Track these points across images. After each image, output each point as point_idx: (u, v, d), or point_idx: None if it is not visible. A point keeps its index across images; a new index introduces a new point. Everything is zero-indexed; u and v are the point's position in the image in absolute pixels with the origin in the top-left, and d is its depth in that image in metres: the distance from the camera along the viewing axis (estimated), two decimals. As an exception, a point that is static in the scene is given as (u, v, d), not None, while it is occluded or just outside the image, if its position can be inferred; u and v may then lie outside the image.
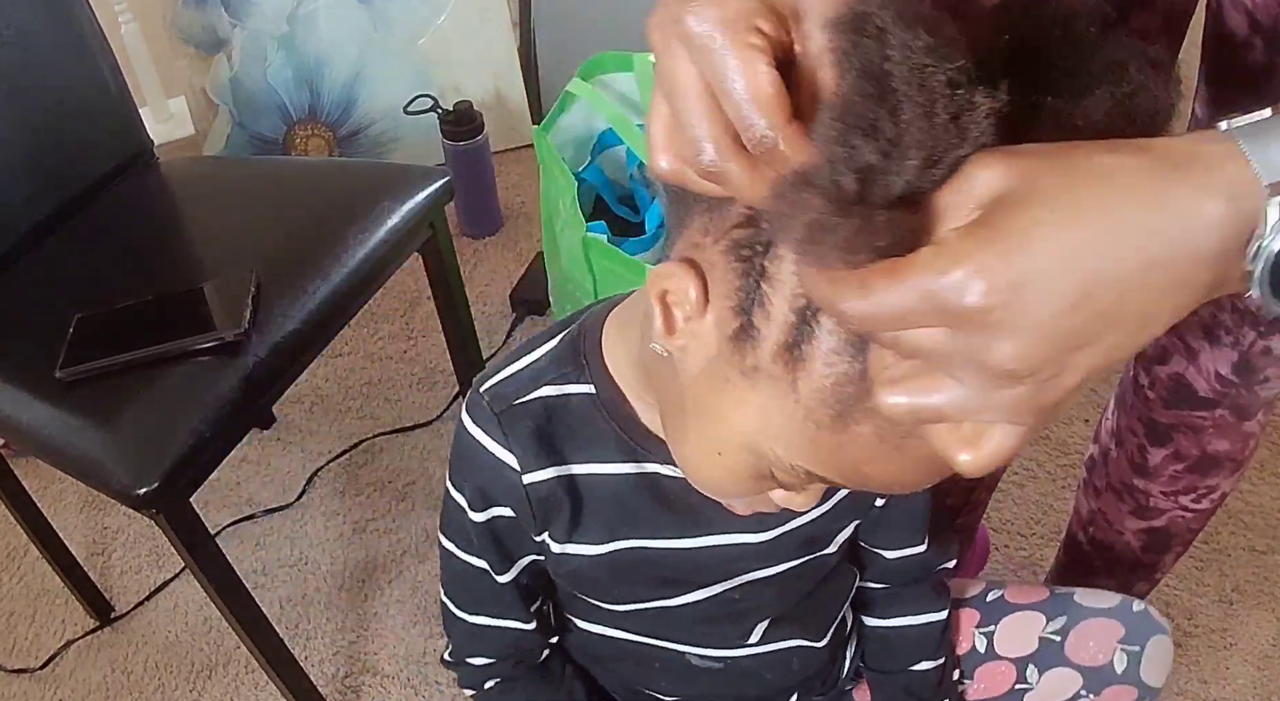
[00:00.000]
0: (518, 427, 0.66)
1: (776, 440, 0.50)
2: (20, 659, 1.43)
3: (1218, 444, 0.95)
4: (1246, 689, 1.29)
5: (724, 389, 0.50)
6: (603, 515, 0.68)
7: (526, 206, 2.05)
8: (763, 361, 0.48)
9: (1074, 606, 0.83)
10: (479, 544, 0.71)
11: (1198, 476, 0.98)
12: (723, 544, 0.70)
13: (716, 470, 0.55)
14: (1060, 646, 0.82)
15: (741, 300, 0.48)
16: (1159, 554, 1.08)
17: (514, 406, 0.66)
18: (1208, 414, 0.92)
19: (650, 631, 0.77)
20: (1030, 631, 0.83)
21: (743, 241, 0.47)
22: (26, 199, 1.22)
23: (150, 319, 1.09)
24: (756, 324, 0.47)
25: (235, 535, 1.54)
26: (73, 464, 1.01)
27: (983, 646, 0.85)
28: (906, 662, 0.84)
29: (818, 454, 0.49)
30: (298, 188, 1.30)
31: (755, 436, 0.51)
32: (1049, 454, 1.55)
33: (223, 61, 1.98)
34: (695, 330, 0.51)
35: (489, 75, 2.09)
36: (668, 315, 0.52)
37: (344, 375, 1.76)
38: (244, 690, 1.37)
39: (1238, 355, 0.86)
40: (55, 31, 1.24)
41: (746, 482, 0.55)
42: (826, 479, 0.51)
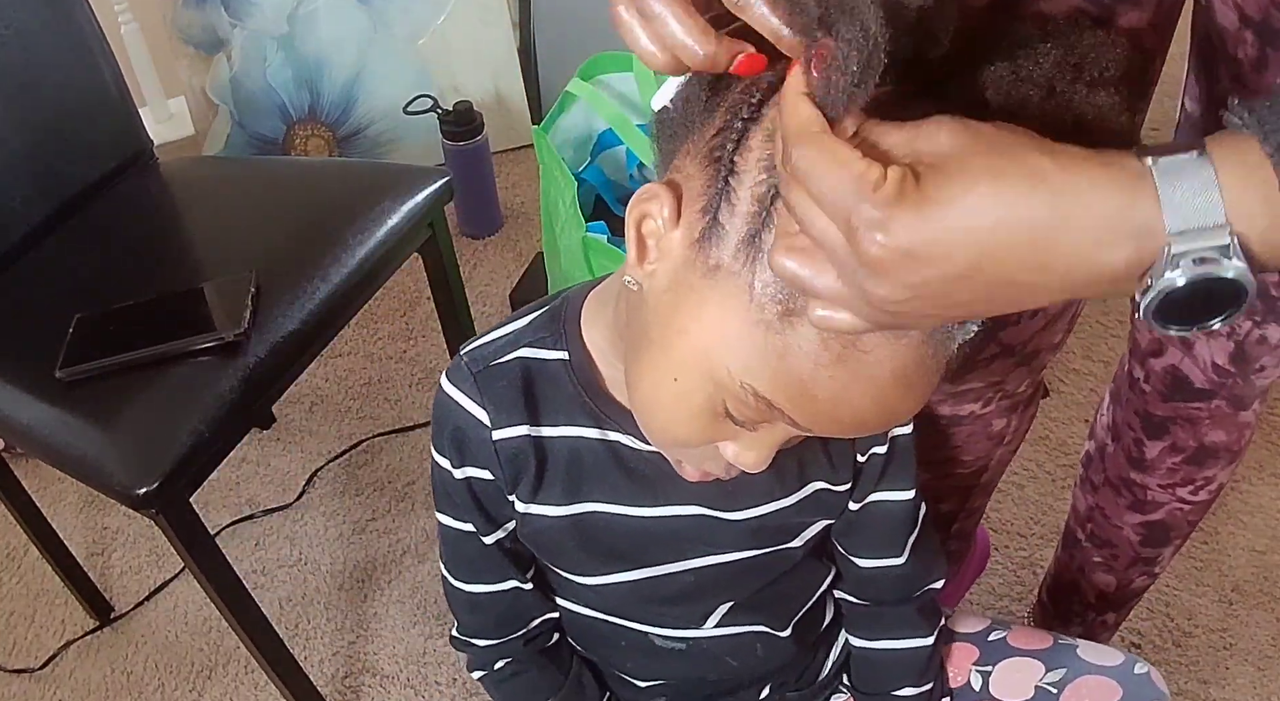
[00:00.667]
0: (493, 386, 0.68)
1: (729, 353, 0.51)
2: (20, 659, 1.43)
3: (1214, 435, 0.95)
4: (1246, 689, 1.29)
5: (686, 298, 0.53)
6: (566, 476, 0.70)
7: (526, 206, 2.05)
8: (724, 258, 0.50)
9: (1076, 659, 0.81)
10: (462, 504, 0.73)
11: (1195, 468, 0.99)
12: (680, 514, 0.71)
13: (670, 402, 0.56)
14: (1055, 698, 0.80)
15: (710, 198, 0.51)
16: (1158, 547, 1.08)
17: (490, 367, 0.69)
18: (1204, 405, 0.92)
19: (614, 609, 0.78)
20: (1028, 678, 0.82)
21: (716, 146, 0.51)
22: (26, 199, 1.21)
23: (150, 319, 1.09)
24: (721, 219, 0.50)
25: (235, 535, 1.54)
26: (72, 464, 1.01)
27: (978, 684, 0.84)
28: (890, 686, 0.84)
29: (767, 364, 0.50)
30: (297, 188, 1.30)
31: (711, 351, 0.52)
32: (1049, 454, 1.55)
33: (222, 61, 1.99)
34: (665, 248, 0.53)
35: (489, 75, 2.10)
36: (641, 244, 0.54)
37: (344, 375, 1.76)
38: (244, 690, 1.37)
39: (1233, 345, 0.86)
40: (55, 31, 1.24)
41: (698, 421, 0.56)
42: (775, 404, 0.52)
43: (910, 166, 0.41)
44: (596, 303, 0.68)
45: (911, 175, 0.40)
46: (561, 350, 0.68)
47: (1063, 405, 1.61)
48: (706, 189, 0.51)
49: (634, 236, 0.54)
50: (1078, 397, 1.62)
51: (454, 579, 0.78)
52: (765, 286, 0.49)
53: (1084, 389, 1.63)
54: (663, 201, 0.52)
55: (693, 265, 0.52)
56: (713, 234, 0.51)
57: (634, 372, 0.59)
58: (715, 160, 0.51)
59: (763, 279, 0.49)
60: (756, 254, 0.49)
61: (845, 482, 0.74)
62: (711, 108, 0.52)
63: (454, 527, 0.75)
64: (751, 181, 0.49)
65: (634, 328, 0.58)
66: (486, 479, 0.71)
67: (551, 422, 0.69)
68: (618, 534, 0.72)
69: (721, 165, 0.50)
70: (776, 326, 0.49)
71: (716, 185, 0.50)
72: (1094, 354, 1.68)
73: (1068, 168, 0.39)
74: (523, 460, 0.69)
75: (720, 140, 0.51)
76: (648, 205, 0.53)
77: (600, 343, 0.67)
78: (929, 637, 0.83)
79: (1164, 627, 1.35)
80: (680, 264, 0.53)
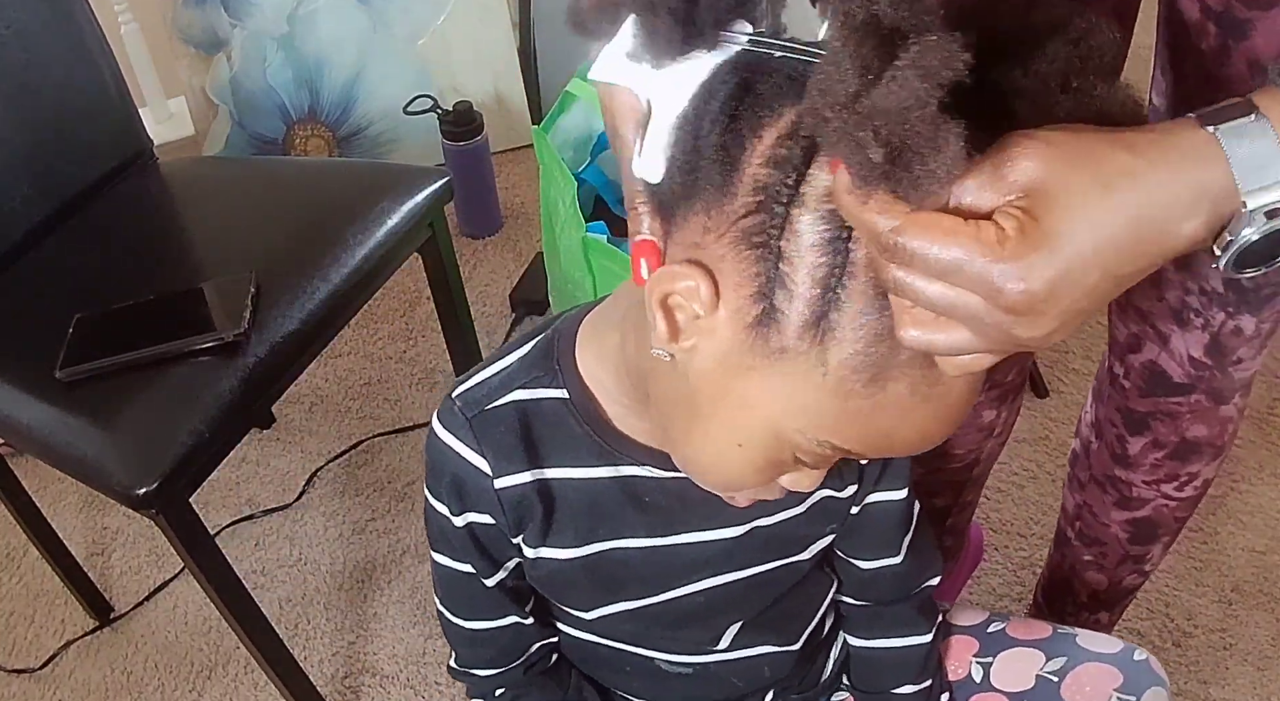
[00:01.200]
0: (490, 432, 0.66)
1: (804, 418, 0.51)
2: (20, 659, 1.43)
3: (1196, 429, 0.96)
4: (1246, 689, 1.29)
5: (745, 377, 0.51)
6: (577, 518, 0.68)
7: (526, 207, 2.05)
8: (789, 341, 0.49)
9: (1075, 647, 0.82)
10: (463, 549, 0.71)
11: (1178, 463, 0.99)
12: (697, 541, 0.70)
13: (734, 463, 0.55)
14: (1056, 686, 0.81)
15: (761, 286, 0.49)
16: (1146, 544, 1.08)
17: (485, 411, 0.66)
18: (1183, 399, 0.93)
19: (621, 636, 0.77)
20: (1029, 668, 0.83)
21: (753, 228, 0.48)
22: (26, 199, 1.21)
23: (150, 319, 1.09)
24: (779, 305, 0.48)
25: (235, 535, 1.54)
26: (72, 464, 1.01)
27: (979, 676, 0.85)
28: (889, 685, 0.84)
29: (849, 425, 0.50)
30: (297, 188, 1.30)
31: (780, 419, 0.51)
32: (1048, 454, 1.55)
33: (222, 62, 1.99)
34: (705, 327, 0.51)
35: (489, 75, 2.10)
36: (671, 319, 0.52)
37: (343, 375, 1.76)
38: (243, 690, 1.37)
39: (1208, 337, 0.87)
40: (55, 31, 1.24)
41: (762, 472, 0.56)
42: (850, 451, 0.52)
43: (1015, 208, 0.42)
44: (592, 334, 0.66)
45: (1026, 216, 0.41)
46: (559, 388, 0.66)
47: (1062, 405, 1.61)
48: (752, 275, 0.49)
49: (661, 314, 0.52)
50: (1077, 398, 1.62)
51: (451, 615, 0.77)
52: (844, 362, 0.48)
53: (1083, 389, 1.63)
54: (697, 285, 0.50)
55: (749, 348, 0.50)
56: (770, 320, 0.49)
57: (685, 440, 0.58)
58: (757, 245, 0.48)
59: (839, 356, 0.48)
60: (826, 334, 0.48)
61: (850, 486, 0.74)
62: (729, 183, 0.49)
63: (452, 568, 0.73)
64: (808, 266, 0.47)
65: (672, 396, 0.57)
66: (488, 524, 0.69)
67: (557, 465, 0.67)
68: (633, 566, 0.71)
69: (767, 251, 0.48)
70: (862, 393, 0.49)
71: (766, 272, 0.48)
72: (1094, 354, 1.68)
73: (1146, 154, 0.42)
74: (528, 506, 0.67)
75: (757, 223, 0.48)
76: (672, 286, 0.51)
77: (601, 376, 0.65)
78: (927, 635, 0.83)
79: (1164, 627, 1.35)
80: (731, 346, 0.51)
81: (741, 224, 0.49)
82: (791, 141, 0.47)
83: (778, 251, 0.48)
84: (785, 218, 0.47)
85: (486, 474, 0.66)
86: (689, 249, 0.51)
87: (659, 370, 0.56)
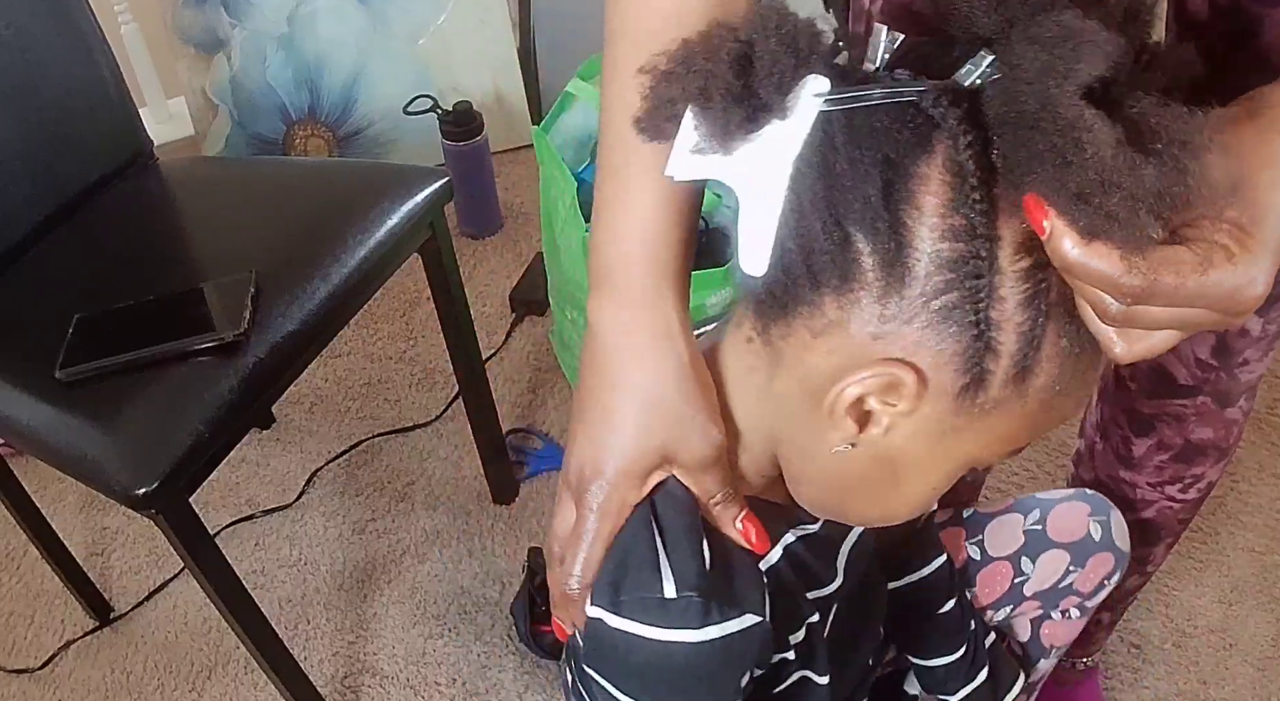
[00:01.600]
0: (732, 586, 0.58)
1: (1002, 444, 0.53)
2: (19, 659, 1.43)
3: (1201, 432, 0.95)
4: (1246, 689, 1.29)
5: (953, 438, 0.52)
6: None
7: (526, 207, 2.05)
8: (995, 394, 0.50)
9: (1040, 501, 0.92)
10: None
11: (1183, 466, 0.99)
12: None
13: (922, 500, 0.57)
14: (1044, 532, 0.90)
15: (969, 357, 0.49)
16: (1149, 546, 1.08)
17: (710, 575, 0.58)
18: (1189, 402, 0.93)
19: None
20: (1014, 529, 0.91)
21: (954, 305, 0.47)
22: (26, 199, 1.21)
23: (150, 319, 1.09)
24: (987, 367, 0.49)
25: (235, 535, 1.54)
26: (72, 464, 1.01)
27: (978, 554, 0.92)
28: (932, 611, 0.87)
29: (1037, 429, 0.53)
30: (297, 188, 1.30)
31: (979, 454, 0.53)
32: (1048, 454, 1.55)
33: (222, 62, 1.99)
34: (906, 409, 0.51)
35: (489, 75, 2.09)
36: (862, 416, 0.52)
37: (343, 375, 1.76)
38: (243, 690, 1.37)
39: (1215, 338, 0.87)
40: (55, 31, 1.24)
41: (942, 494, 0.58)
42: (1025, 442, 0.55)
43: (1226, 223, 0.44)
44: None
45: (1239, 231, 0.44)
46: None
47: (1063, 405, 1.61)
48: (959, 350, 0.48)
49: (850, 416, 0.51)
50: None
51: None
52: (1040, 389, 0.50)
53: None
54: (899, 379, 0.49)
55: (954, 413, 0.51)
56: (979, 384, 0.50)
57: (871, 503, 0.58)
58: (963, 323, 0.48)
59: (1036, 385, 0.50)
60: (1028, 374, 0.49)
61: None
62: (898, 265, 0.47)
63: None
64: (1014, 326, 0.48)
65: (856, 473, 0.56)
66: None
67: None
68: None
69: (975, 325, 0.48)
70: (1049, 404, 0.51)
71: (973, 344, 0.48)
72: (1094, 354, 1.68)
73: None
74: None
75: (955, 300, 0.47)
76: (867, 389, 0.50)
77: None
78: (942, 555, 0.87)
79: (1164, 627, 1.35)
80: (934, 417, 0.51)
81: (934, 304, 0.47)
82: (964, 208, 0.45)
83: (987, 321, 0.48)
84: (990, 287, 0.47)
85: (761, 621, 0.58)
86: (865, 344, 0.49)
87: (829, 460, 0.55)
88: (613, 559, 0.59)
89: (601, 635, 0.58)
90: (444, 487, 1.58)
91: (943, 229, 0.46)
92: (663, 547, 0.59)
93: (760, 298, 0.52)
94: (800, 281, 0.49)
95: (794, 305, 0.51)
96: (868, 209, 0.46)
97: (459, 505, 1.55)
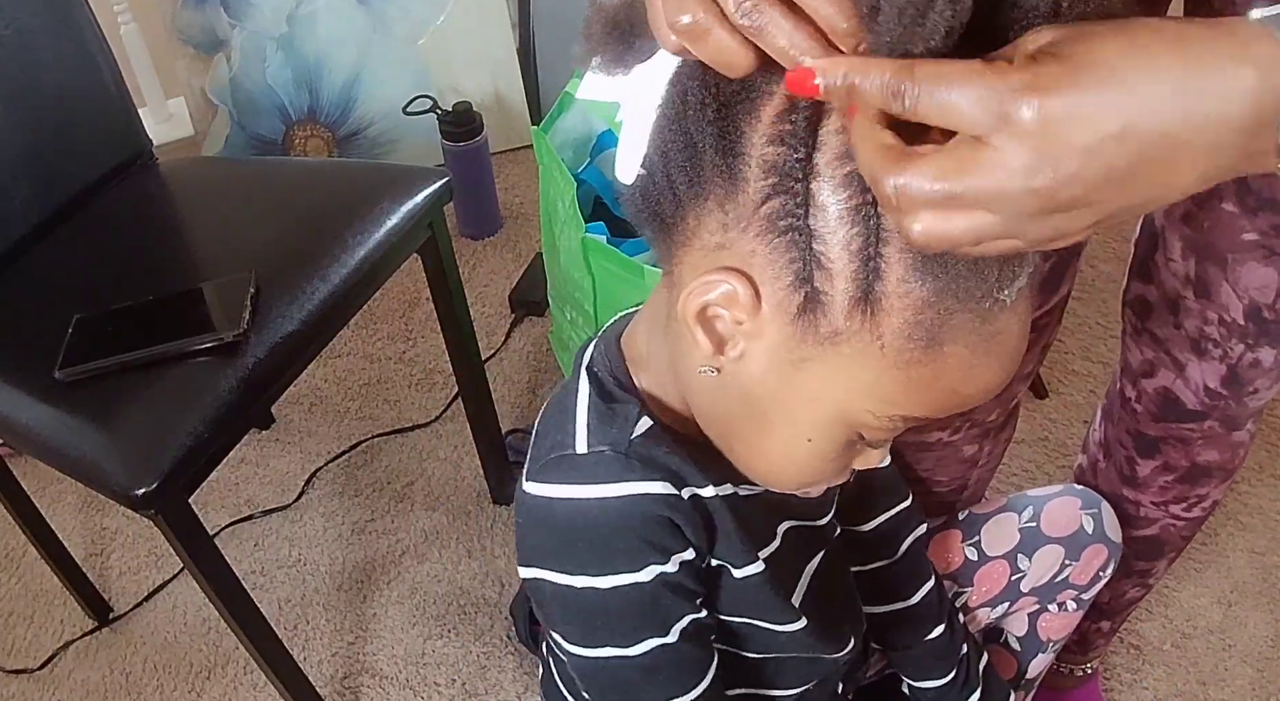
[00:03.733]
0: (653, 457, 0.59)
1: (870, 398, 0.50)
2: (19, 659, 1.43)
3: (1207, 454, 0.94)
4: (1245, 690, 1.29)
5: (804, 370, 0.50)
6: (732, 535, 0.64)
7: (525, 207, 2.05)
8: (839, 322, 0.48)
9: (1033, 499, 0.93)
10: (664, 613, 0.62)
11: (1188, 486, 0.98)
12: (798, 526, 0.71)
13: (806, 459, 0.55)
14: (1038, 529, 0.91)
15: (798, 271, 0.48)
16: (1151, 560, 1.07)
17: (634, 442, 0.59)
18: (1196, 426, 0.91)
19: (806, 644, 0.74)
20: (1009, 527, 0.92)
21: (776, 213, 0.47)
22: (26, 199, 1.21)
23: (149, 319, 1.09)
24: (820, 287, 0.47)
25: (234, 536, 1.54)
26: (71, 464, 1.01)
27: (974, 555, 0.92)
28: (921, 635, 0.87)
29: (915, 393, 0.50)
30: (297, 188, 1.30)
31: (846, 404, 0.51)
32: (1048, 455, 1.55)
33: (222, 62, 1.99)
34: (751, 330, 0.50)
35: (488, 76, 2.09)
36: (712, 331, 0.51)
37: (343, 376, 1.76)
38: (242, 691, 1.37)
39: (1225, 368, 0.85)
40: (55, 31, 1.24)
41: (834, 461, 0.55)
42: (919, 417, 0.52)
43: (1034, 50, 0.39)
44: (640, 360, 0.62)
45: (1045, 54, 0.39)
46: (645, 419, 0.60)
47: (1062, 406, 1.61)
48: (787, 262, 0.47)
49: (700, 329, 0.51)
50: (1077, 399, 1.62)
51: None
52: (898, 331, 0.47)
53: (1083, 390, 1.63)
54: (733, 288, 0.49)
55: (800, 340, 0.49)
56: (816, 305, 0.48)
57: (750, 451, 0.57)
58: (785, 230, 0.47)
59: (891, 327, 0.47)
60: (874, 307, 0.47)
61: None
62: (737, 171, 0.47)
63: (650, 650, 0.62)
64: (841, 239, 0.46)
65: (728, 411, 0.55)
66: (690, 559, 0.62)
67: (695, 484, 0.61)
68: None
69: (797, 233, 0.47)
70: (923, 359, 0.48)
71: (801, 256, 0.47)
72: (1093, 355, 1.68)
73: (1171, 25, 0.39)
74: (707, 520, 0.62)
75: (779, 206, 0.47)
76: (707, 296, 0.49)
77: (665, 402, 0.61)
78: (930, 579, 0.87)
79: (1164, 628, 1.35)
80: (780, 342, 0.50)
81: (763, 211, 0.47)
82: (793, 114, 0.46)
83: (807, 231, 0.47)
84: (807, 193, 0.46)
85: (674, 493, 0.59)
86: (712, 254, 0.50)
87: (707, 387, 0.55)
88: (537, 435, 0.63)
89: (526, 506, 0.60)
90: (443, 488, 1.58)
91: (770, 134, 0.46)
92: (588, 407, 0.60)
93: (646, 220, 0.54)
94: (665, 194, 0.51)
95: (667, 221, 0.52)
96: (705, 117, 0.48)
97: (458, 505, 1.55)
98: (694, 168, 0.49)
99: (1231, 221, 0.76)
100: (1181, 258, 0.81)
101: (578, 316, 1.51)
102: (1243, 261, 0.77)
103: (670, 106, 0.50)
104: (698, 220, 0.50)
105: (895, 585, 0.86)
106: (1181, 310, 0.84)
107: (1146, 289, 0.87)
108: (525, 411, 1.68)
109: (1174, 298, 0.84)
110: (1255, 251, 0.76)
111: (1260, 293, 0.78)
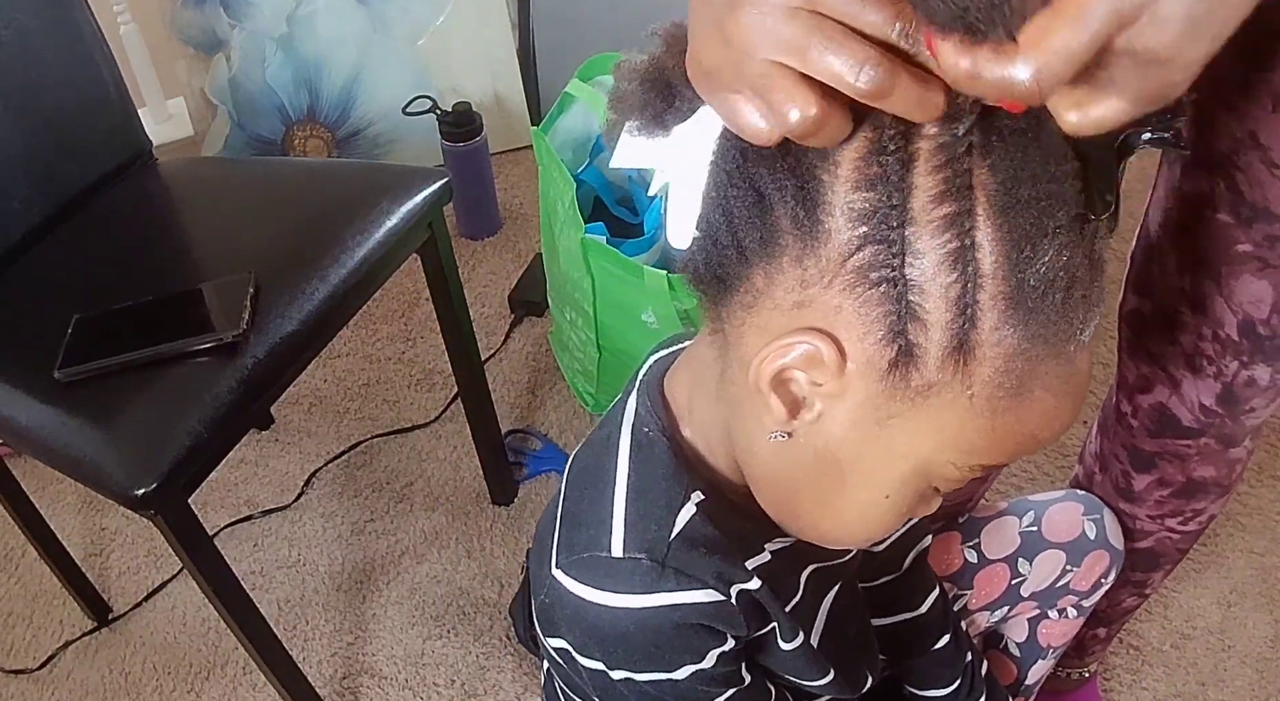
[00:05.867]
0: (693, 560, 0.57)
1: (953, 449, 0.49)
2: (18, 660, 1.43)
3: (1203, 471, 0.93)
4: (1245, 691, 1.29)
5: (889, 428, 0.48)
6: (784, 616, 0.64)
7: (525, 208, 2.05)
8: (931, 375, 0.46)
9: (1034, 503, 0.93)
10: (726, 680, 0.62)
11: (1184, 501, 0.97)
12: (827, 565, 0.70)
13: (880, 517, 0.53)
14: (1039, 533, 0.91)
15: (891, 324, 0.45)
16: (1148, 572, 1.07)
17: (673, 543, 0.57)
18: (1192, 443, 0.91)
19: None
20: (1010, 531, 0.92)
21: (870, 263, 0.44)
22: (25, 199, 1.21)
23: (148, 319, 1.09)
24: (914, 339, 0.45)
25: (233, 536, 1.54)
26: (70, 464, 1.01)
27: (974, 558, 0.92)
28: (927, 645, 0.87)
29: (997, 441, 0.48)
30: (296, 188, 1.30)
31: (930, 457, 0.49)
32: (1048, 456, 1.55)
33: (221, 62, 1.99)
34: (832, 390, 0.48)
35: (488, 76, 2.09)
36: (786, 395, 0.49)
37: (342, 376, 1.76)
38: (242, 691, 1.37)
39: (1220, 386, 0.84)
40: (55, 32, 1.24)
41: (905, 515, 0.53)
42: (999, 463, 0.51)
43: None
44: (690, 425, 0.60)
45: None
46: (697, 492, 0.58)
47: (1062, 407, 1.61)
48: (880, 316, 0.45)
49: (773, 395, 0.48)
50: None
51: None
52: (987, 382, 0.46)
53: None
54: (817, 350, 0.46)
55: (888, 397, 0.47)
56: (907, 359, 0.46)
57: (819, 512, 0.54)
58: (879, 282, 0.44)
59: (982, 377, 0.46)
60: (968, 357, 0.45)
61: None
62: (816, 223, 0.44)
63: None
64: (939, 288, 0.44)
65: (797, 475, 0.53)
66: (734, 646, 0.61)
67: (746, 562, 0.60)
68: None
69: (890, 285, 0.44)
70: (1010, 406, 0.47)
71: (895, 308, 0.44)
72: (1093, 355, 1.67)
73: None
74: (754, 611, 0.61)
75: (871, 257, 0.44)
76: (785, 360, 0.47)
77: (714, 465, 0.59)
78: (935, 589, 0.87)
79: (1163, 628, 1.35)
80: (865, 400, 0.48)
81: (851, 263, 0.44)
82: (881, 156, 0.43)
83: (903, 281, 0.44)
84: (903, 240, 0.43)
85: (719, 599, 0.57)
86: (789, 313, 0.47)
87: (773, 452, 0.52)
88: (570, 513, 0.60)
89: (557, 594, 0.58)
90: (443, 488, 1.58)
91: (855, 180, 0.43)
92: (626, 495, 0.57)
93: (705, 281, 0.51)
94: (728, 253, 0.48)
95: (730, 281, 0.49)
96: (774, 168, 0.45)
97: (458, 506, 1.55)
98: (765, 223, 0.46)
99: (1225, 232, 0.75)
100: (1177, 271, 0.81)
101: (577, 317, 1.51)
102: (1237, 274, 0.77)
103: (728, 161, 0.47)
104: (768, 278, 0.47)
105: (902, 597, 0.85)
106: (1177, 325, 0.84)
107: (1142, 302, 0.86)
108: (525, 412, 1.68)
109: (1170, 312, 0.83)
110: (1249, 263, 0.76)
111: (1254, 307, 0.77)
